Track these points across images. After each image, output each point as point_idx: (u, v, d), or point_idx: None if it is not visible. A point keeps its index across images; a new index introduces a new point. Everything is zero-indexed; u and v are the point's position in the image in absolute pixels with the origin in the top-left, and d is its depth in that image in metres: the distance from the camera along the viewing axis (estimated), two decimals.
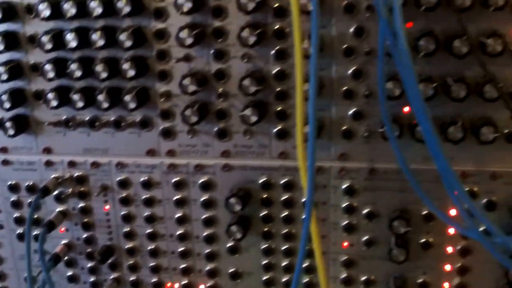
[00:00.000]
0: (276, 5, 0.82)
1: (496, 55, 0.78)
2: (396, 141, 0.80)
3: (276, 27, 0.83)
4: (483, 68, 0.78)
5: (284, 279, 0.98)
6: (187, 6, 0.80)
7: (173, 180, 0.95)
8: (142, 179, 0.96)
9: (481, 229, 0.78)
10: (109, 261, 1.02)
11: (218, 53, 0.86)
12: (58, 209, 1.00)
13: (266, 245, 0.96)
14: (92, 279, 1.04)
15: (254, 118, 0.85)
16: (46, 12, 0.84)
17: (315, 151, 0.70)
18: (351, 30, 0.82)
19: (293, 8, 0.69)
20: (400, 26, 0.66)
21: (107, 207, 0.99)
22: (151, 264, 1.01)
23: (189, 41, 0.82)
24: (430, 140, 0.68)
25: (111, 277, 1.03)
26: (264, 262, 0.98)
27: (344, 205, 0.92)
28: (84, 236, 1.02)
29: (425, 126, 0.68)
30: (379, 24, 0.72)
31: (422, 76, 0.81)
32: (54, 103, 0.90)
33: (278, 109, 0.88)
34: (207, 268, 1.00)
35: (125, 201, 0.98)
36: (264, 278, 0.99)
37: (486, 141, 0.82)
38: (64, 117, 0.94)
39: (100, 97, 0.88)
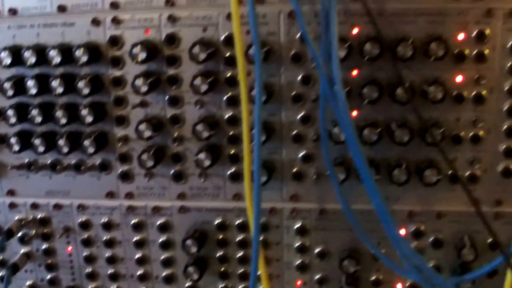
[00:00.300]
0: (227, 55, 0.85)
1: (437, 101, 0.81)
2: (338, 184, 0.83)
3: (227, 75, 0.86)
4: (419, 117, 0.81)
5: None
6: (142, 56, 0.84)
7: (132, 222, 0.96)
8: (102, 220, 0.97)
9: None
10: None
11: (172, 99, 0.89)
12: (22, 251, 1.01)
13: (223, 285, 0.98)
14: None
15: (207, 162, 0.87)
16: (8, 60, 0.87)
17: (260, 193, 0.73)
18: (299, 78, 0.86)
19: (238, 60, 0.72)
20: (336, 74, 0.69)
21: (70, 248, 1.00)
22: None
23: (144, 88, 0.85)
24: (368, 183, 0.71)
25: None
26: None
27: (296, 245, 0.93)
28: (48, 277, 1.02)
29: (362, 170, 0.70)
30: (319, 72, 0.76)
31: (367, 122, 0.84)
32: (16, 147, 0.91)
33: (231, 152, 0.90)
34: None
35: (87, 243, 0.99)
36: None
37: (430, 183, 0.84)
38: (26, 161, 0.96)
39: (61, 142, 0.90)
